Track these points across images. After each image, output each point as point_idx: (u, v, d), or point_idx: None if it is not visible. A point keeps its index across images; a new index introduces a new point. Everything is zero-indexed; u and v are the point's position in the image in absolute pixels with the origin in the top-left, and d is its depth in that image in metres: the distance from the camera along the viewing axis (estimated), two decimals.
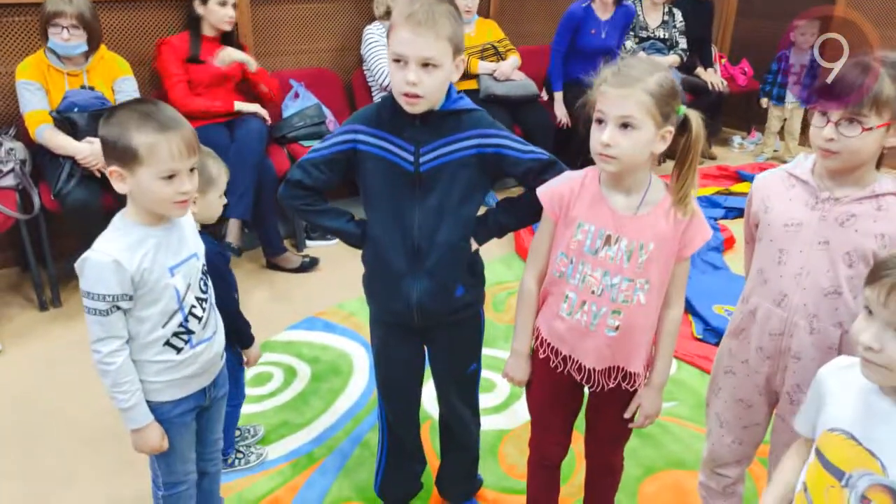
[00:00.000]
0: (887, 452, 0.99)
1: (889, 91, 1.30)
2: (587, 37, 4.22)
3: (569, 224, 1.46)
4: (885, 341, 0.97)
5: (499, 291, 3.17)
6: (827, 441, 1.08)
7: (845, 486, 1.03)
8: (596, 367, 1.49)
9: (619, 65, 1.38)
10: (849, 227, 1.38)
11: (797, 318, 1.44)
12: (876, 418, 1.02)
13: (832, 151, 1.35)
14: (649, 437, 2.24)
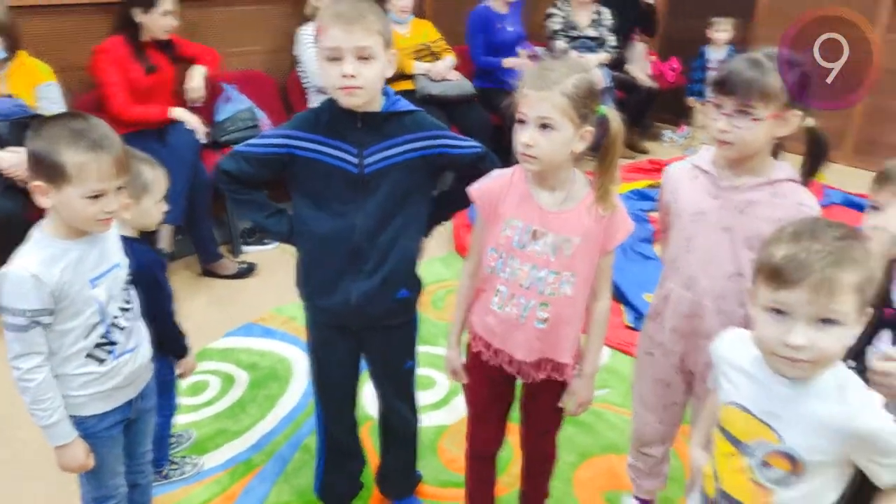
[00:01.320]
0: (781, 423, 1.06)
1: (775, 84, 1.39)
2: (498, 33, 4.38)
3: (498, 220, 1.49)
4: (817, 337, 1.01)
5: (438, 290, 3.20)
6: (726, 414, 1.15)
7: (744, 455, 1.10)
8: (526, 359, 1.53)
9: (539, 67, 1.42)
10: (748, 213, 1.46)
11: (705, 300, 1.52)
12: (769, 393, 1.09)
13: (727, 142, 1.44)
14: (584, 425, 2.30)
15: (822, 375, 1.05)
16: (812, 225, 1.06)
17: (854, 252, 1.00)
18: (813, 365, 1.03)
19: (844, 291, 0.98)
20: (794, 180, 1.48)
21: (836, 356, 1.04)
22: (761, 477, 1.09)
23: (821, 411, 1.04)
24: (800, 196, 1.45)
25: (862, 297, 1.00)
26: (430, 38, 4.28)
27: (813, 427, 1.04)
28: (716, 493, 1.16)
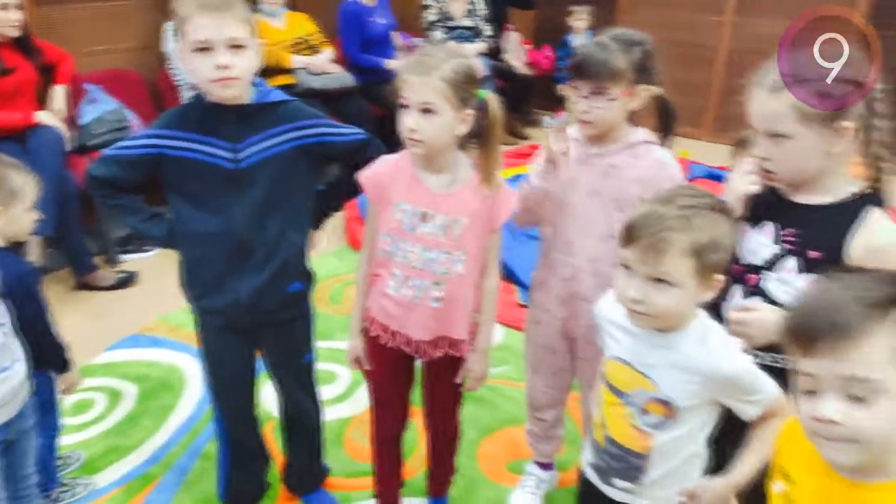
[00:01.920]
0: (656, 372, 1.16)
1: (622, 64, 1.51)
2: (370, 26, 4.42)
3: (388, 205, 1.51)
4: (648, 294, 1.11)
5: (334, 284, 3.18)
6: (609, 368, 1.24)
7: (626, 404, 1.19)
8: (423, 338, 1.56)
9: (419, 54, 1.46)
10: (613, 176, 1.57)
11: (582, 263, 1.62)
12: (644, 345, 1.18)
13: (587, 121, 1.55)
14: (484, 401, 2.38)
15: (688, 326, 1.16)
16: (675, 191, 1.16)
17: (696, 219, 1.09)
18: (652, 318, 1.13)
19: (675, 255, 1.08)
20: (650, 142, 1.61)
21: (675, 312, 1.13)
22: (641, 423, 1.18)
23: (689, 359, 1.14)
24: (657, 154, 1.58)
25: (699, 262, 1.09)
26: (307, 31, 4.21)
27: (683, 374, 1.14)
28: (604, 441, 1.25)
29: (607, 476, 1.27)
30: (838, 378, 0.82)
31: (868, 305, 0.82)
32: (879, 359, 0.81)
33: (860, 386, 0.81)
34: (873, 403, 0.81)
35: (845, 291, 0.84)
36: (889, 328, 0.81)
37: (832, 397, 0.83)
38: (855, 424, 0.82)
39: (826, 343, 0.82)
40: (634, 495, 1.24)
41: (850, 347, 0.81)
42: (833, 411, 0.82)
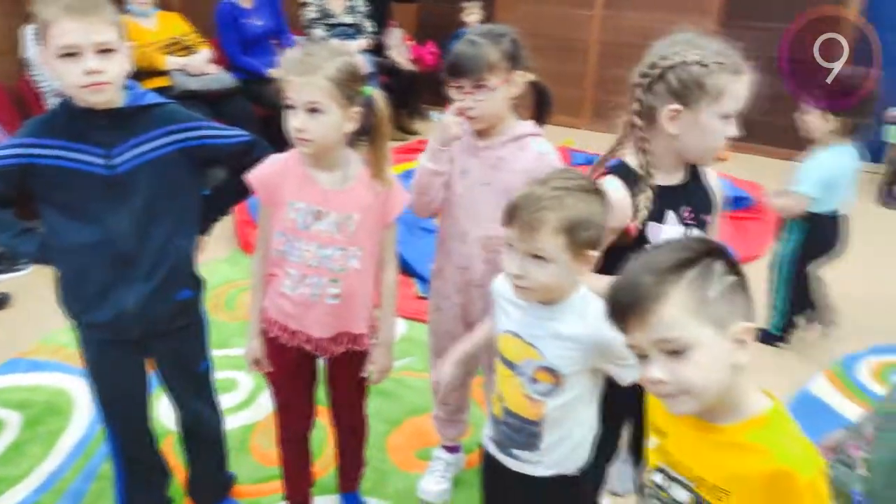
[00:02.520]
0: (542, 342, 1.24)
1: (494, 55, 1.59)
2: (246, 28, 4.37)
3: (280, 205, 1.51)
4: (527, 269, 1.19)
5: (229, 290, 3.11)
6: (501, 342, 1.31)
7: (518, 374, 1.27)
8: (324, 335, 1.57)
9: (301, 53, 1.46)
10: (501, 168, 1.65)
11: (475, 251, 1.69)
12: (531, 317, 1.26)
13: (474, 117, 1.61)
14: (390, 394, 2.41)
15: (570, 299, 1.24)
16: (550, 174, 1.25)
17: (567, 199, 1.17)
18: (533, 291, 1.21)
19: (548, 232, 1.16)
20: (534, 134, 1.69)
21: (553, 285, 1.21)
22: (532, 391, 1.26)
23: (570, 328, 1.22)
24: (540, 147, 1.66)
25: (571, 239, 1.17)
26: (181, 32, 4.06)
27: (565, 342, 1.22)
28: (502, 413, 1.32)
29: (507, 448, 1.34)
30: (653, 343, 0.93)
31: (659, 273, 0.92)
32: (678, 318, 0.91)
33: (671, 345, 0.92)
34: (688, 357, 0.92)
35: (640, 266, 0.95)
36: (682, 288, 0.91)
37: (655, 360, 0.93)
38: (679, 378, 0.92)
39: (633, 318, 0.93)
40: (532, 464, 1.32)
41: (651, 316, 0.91)
42: (658, 372, 0.93)
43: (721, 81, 1.32)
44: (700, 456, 1.02)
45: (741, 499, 0.97)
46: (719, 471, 0.99)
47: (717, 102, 1.34)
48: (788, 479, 0.93)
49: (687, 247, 0.96)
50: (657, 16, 5.19)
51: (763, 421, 0.98)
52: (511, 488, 1.37)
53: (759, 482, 0.95)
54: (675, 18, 4.90)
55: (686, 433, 1.04)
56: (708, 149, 1.41)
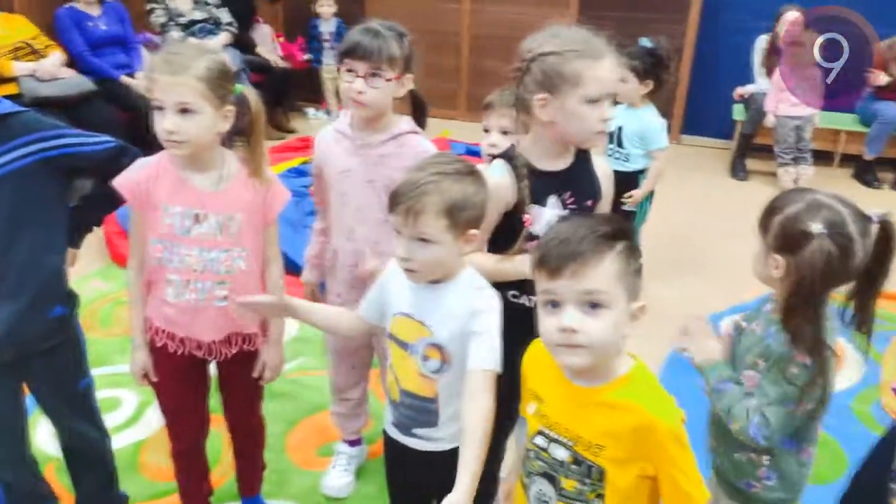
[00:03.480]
0: (431, 319, 1.29)
1: (396, 51, 1.61)
2: (90, 32, 4.19)
3: (154, 210, 1.46)
4: (413, 251, 1.23)
5: (103, 305, 2.95)
6: (394, 325, 1.34)
7: (412, 354, 1.31)
8: (215, 338, 1.55)
9: (166, 52, 1.42)
10: (382, 165, 1.68)
11: (363, 247, 1.71)
12: (421, 297, 1.31)
13: (363, 103, 1.62)
14: (287, 395, 2.39)
15: (457, 278, 1.30)
16: (427, 160, 1.30)
17: (445, 182, 1.21)
18: (420, 273, 1.26)
19: (429, 215, 1.20)
20: (414, 132, 1.73)
21: (438, 266, 1.26)
22: (425, 369, 1.30)
23: (455, 305, 1.27)
24: (420, 145, 1.71)
25: (452, 220, 1.21)
26: (29, 35, 3.80)
27: (451, 319, 1.27)
28: (400, 395, 1.35)
29: (409, 429, 1.37)
30: (577, 293, 1.03)
31: (599, 237, 1.04)
32: (608, 277, 1.03)
33: (594, 297, 1.02)
34: (601, 314, 1.03)
35: (581, 228, 1.05)
36: (615, 256, 1.03)
37: (572, 310, 1.03)
38: (588, 331, 1.02)
39: (569, 267, 1.02)
40: (434, 440, 1.36)
41: (587, 269, 1.02)
42: (572, 320, 1.02)
43: (578, 67, 1.37)
44: (576, 416, 1.11)
45: (615, 451, 1.08)
46: (593, 428, 1.09)
47: (579, 88, 1.38)
48: (652, 430, 1.05)
49: (615, 221, 1.09)
50: (522, 8, 5.40)
51: (628, 379, 1.09)
52: (415, 468, 1.41)
53: (629, 435, 1.06)
54: (537, 11, 5.15)
55: (562, 396, 1.13)
56: (583, 133, 1.43)
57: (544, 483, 1.16)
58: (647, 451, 1.06)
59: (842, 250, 1.16)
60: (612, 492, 1.09)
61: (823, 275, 1.15)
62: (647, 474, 1.08)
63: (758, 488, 1.33)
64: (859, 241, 1.17)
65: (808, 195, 1.23)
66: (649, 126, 2.93)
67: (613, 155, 3.00)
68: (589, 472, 1.10)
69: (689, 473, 1.07)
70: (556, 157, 1.50)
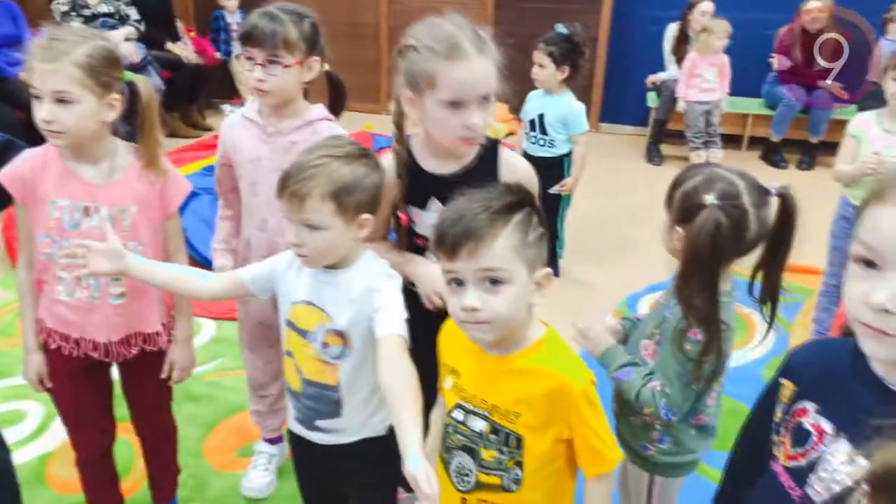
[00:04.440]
0: (330, 306, 1.26)
1: (294, 34, 1.57)
2: None
3: (40, 203, 1.38)
4: (303, 237, 1.20)
5: (4, 315, 2.78)
6: (292, 313, 1.30)
7: (311, 342, 1.27)
8: (112, 339, 1.47)
9: (46, 37, 1.34)
10: (294, 153, 1.61)
11: (276, 237, 1.67)
12: (320, 284, 1.27)
13: (265, 90, 1.57)
14: (203, 398, 2.31)
15: (355, 263, 1.27)
16: (317, 143, 1.26)
17: (331, 166, 1.18)
18: (312, 259, 1.23)
19: (315, 200, 1.17)
20: (327, 118, 1.69)
21: (330, 251, 1.22)
22: (325, 356, 1.27)
23: (353, 289, 1.25)
24: (333, 132, 1.66)
25: (339, 204, 1.17)
26: None
27: (350, 304, 1.24)
28: (302, 385, 1.31)
29: (312, 422, 1.33)
30: (477, 272, 1.02)
31: (493, 213, 1.02)
32: (505, 254, 1.02)
33: (494, 274, 1.02)
34: (502, 290, 1.03)
35: (474, 205, 1.04)
36: (511, 231, 1.03)
37: (473, 289, 1.02)
38: (490, 307, 1.02)
39: (465, 247, 1.01)
40: (339, 432, 1.32)
41: (482, 248, 1.01)
42: (473, 300, 1.02)
43: (432, 67, 1.24)
44: (491, 386, 1.11)
45: (530, 417, 1.09)
46: (509, 396, 1.10)
47: (435, 89, 1.25)
48: (566, 392, 1.07)
49: (514, 192, 1.07)
50: None
51: (539, 346, 1.11)
52: (322, 464, 1.38)
53: (543, 399, 1.07)
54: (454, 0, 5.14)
55: (477, 368, 1.13)
56: (445, 137, 1.32)
57: (464, 456, 1.16)
58: (562, 413, 1.08)
59: (734, 221, 1.18)
60: (531, 458, 1.10)
61: (714, 245, 1.17)
62: (562, 438, 1.11)
63: (652, 451, 1.35)
64: (753, 212, 1.19)
65: (709, 169, 1.25)
66: (570, 111, 2.99)
67: (538, 142, 3.04)
68: (507, 440, 1.11)
69: (601, 433, 1.10)
70: (445, 159, 1.39)
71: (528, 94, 3.11)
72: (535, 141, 3.05)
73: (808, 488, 0.84)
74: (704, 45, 4.54)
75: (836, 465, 0.81)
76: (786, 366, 0.95)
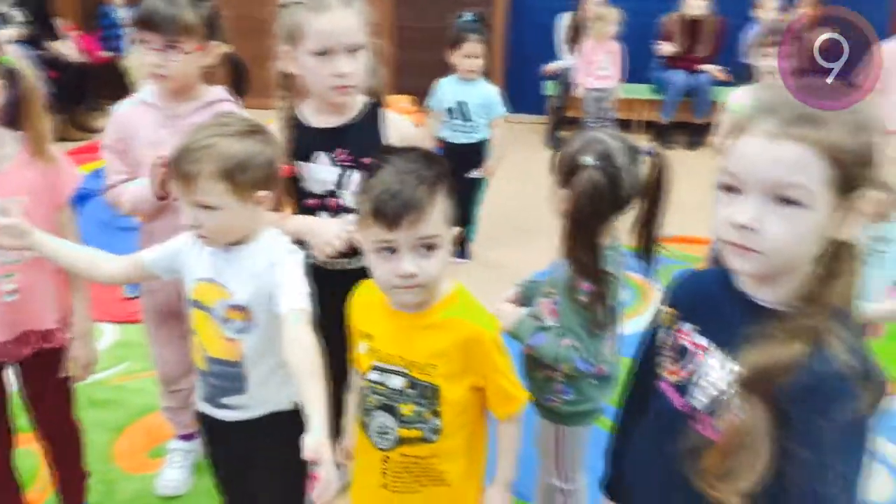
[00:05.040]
0: (231, 282, 1.25)
1: (193, 18, 1.54)
2: None
3: None
4: (199, 218, 1.19)
5: None
6: (197, 290, 1.29)
7: (214, 318, 1.26)
8: (6, 338, 1.41)
9: None
10: None
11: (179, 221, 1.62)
12: (220, 261, 1.26)
13: (163, 76, 1.55)
14: (110, 403, 2.23)
15: (256, 239, 1.26)
16: (206, 122, 1.24)
17: (221, 145, 1.16)
18: (211, 238, 1.22)
19: (205, 180, 1.15)
20: (227, 100, 1.67)
21: (230, 230, 1.22)
22: (227, 331, 1.26)
23: (254, 265, 1.24)
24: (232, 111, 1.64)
25: (232, 183, 1.16)
26: None
27: (250, 279, 1.23)
28: (206, 363, 1.30)
29: (218, 399, 1.31)
30: (415, 240, 1.07)
31: (427, 184, 1.08)
32: (439, 220, 1.09)
33: (430, 241, 1.08)
34: (435, 254, 1.09)
35: (409, 177, 1.07)
36: (441, 196, 1.09)
37: (409, 255, 1.08)
38: (425, 271, 1.09)
39: (407, 219, 1.05)
40: (245, 408, 1.31)
41: (423, 218, 1.06)
42: (412, 266, 1.08)
43: (300, 19, 1.37)
44: (408, 343, 1.16)
45: (446, 368, 1.14)
46: (426, 350, 1.15)
47: (305, 40, 1.39)
48: (478, 340, 1.14)
49: (436, 161, 1.13)
50: None
51: (451, 300, 1.17)
52: (231, 442, 1.36)
53: (458, 349, 1.14)
54: None
55: (392, 328, 1.17)
56: (318, 87, 1.43)
57: (384, 415, 1.19)
58: (475, 361, 1.15)
59: (610, 179, 1.26)
60: (447, 407, 1.16)
61: (593, 201, 1.25)
62: (475, 385, 1.17)
63: (557, 403, 1.43)
64: (627, 170, 1.28)
65: (588, 135, 1.33)
66: (490, 96, 3.08)
67: (461, 129, 3.09)
68: (424, 392, 1.15)
69: (510, 377, 1.18)
70: (330, 114, 1.50)
71: (438, 82, 3.14)
72: (457, 128, 3.09)
73: (690, 398, 0.92)
74: (599, 32, 4.73)
75: (713, 375, 0.89)
76: (666, 294, 1.03)
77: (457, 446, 1.20)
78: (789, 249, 0.81)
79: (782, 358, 0.79)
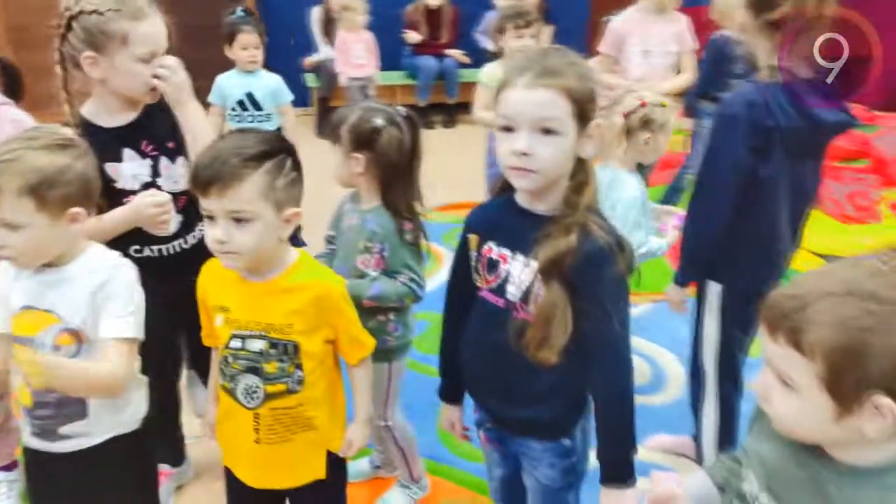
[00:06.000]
0: (60, 307, 1.20)
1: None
2: None
3: None
4: (4, 238, 1.15)
5: None
6: (16, 322, 1.22)
7: (36, 348, 1.19)
8: None
9: None
10: None
11: None
12: (40, 285, 1.20)
13: None
14: None
15: (79, 257, 1.23)
16: (14, 136, 1.20)
17: (23, 161, 1.11)
18: (17, 261, 1.18)
19: (10, 197, 1.11)
20: (6, 103, 1.62)
21: (39, 250, 1.17)
22: None
23: (81, 284, 1.20)
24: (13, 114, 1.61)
25: (39, 200, 1.11)
26: None
27: (80, 299, 1.19)
28: (33, 399, 1.23)
29: (53, 432, 1.25)
30: (224, 211, 1.15)
31: (245, 159, 1.15)
32: (251, 196, 1.15)
33: (238, 214, 1.15)
34: (247, 227, 1.16)
35: (231, 148, 1.16)
36: (259, 175, 1.16)
37: (221, 224, 1.15)
38: (236, 241, 1.16)
39: (214, 188, 1.14)
40: (86, 436, 1.26)
41: (229, 190, 1.14)
42: (221, 233, 1.15)
43: (122, 27, 1.41)
44: (263, 308, 1.26)
45: (302, 324, 1.26)
46: (281, 312, 1.25)
47: (127, 46, 1.42)
48: (329, 296, 1.28)
49: (270, 141, 1.21)
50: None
51: (298, 265, 1.29)
52: (68, 476, 1.29)
53: (312, 305, 1.26)
54: None
55: (246, 297, 1.27)
56: (137, 88, 1.49)
57: (249, 377, 1.26)
58: (327, 314, 1.28)
59: (403, 133, 1.55)
60: (307, 359, 1.28)
61: (401, 153, 1.54)
62: (328, 338, 1.31)
63: (391, 341, 1.64)
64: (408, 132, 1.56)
65: (357, 106, 1.59)
66: (276, 83, 3.13)
67: (255, 120, 3.08)
68: (285, 349, 1.26)
69: (357, 325, 1.35)
70: (121, 112, 1.53)
71: (217, 79, 3.11)
72: (250, 120, 3.09)
73: (506, 296, 1.20)
74: (350, 22, 4.95)
75: (519, 273, 1.17)
76: (466, 226, 1.30)
77: (320, 393, 1.31)
78: (555, 167, 1.11)
79: (563, 247, 1.10)
